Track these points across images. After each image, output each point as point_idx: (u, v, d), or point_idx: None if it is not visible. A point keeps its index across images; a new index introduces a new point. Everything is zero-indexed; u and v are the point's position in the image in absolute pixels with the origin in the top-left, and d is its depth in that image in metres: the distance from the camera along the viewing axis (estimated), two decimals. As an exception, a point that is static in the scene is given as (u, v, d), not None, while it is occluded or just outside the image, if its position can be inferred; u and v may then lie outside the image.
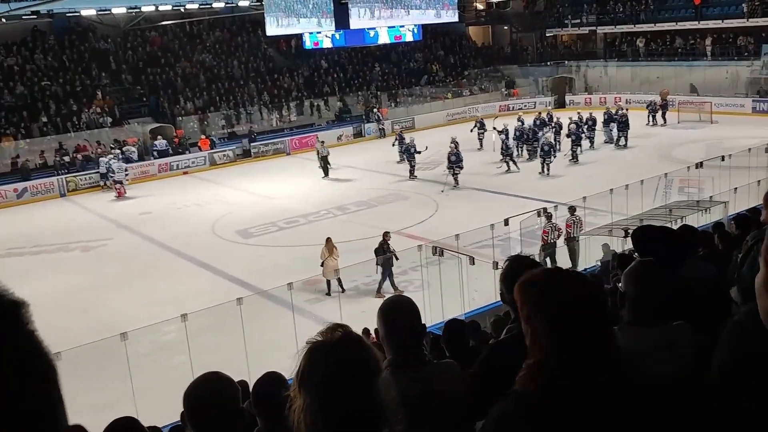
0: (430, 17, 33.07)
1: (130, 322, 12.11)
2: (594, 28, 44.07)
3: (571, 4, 45.54)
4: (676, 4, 40.81)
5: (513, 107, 40.74)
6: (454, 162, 24.49)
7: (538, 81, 43.43)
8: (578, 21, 44.72)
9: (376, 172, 26.97)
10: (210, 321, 12.59)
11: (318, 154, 28.25)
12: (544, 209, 16.79)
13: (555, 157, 25.72)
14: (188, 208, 24.61)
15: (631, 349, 2.16)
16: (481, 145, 30.58)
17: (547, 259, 15.55)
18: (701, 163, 19.80)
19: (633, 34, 42.69)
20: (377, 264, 15.23)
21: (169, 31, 38.24)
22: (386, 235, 15.69)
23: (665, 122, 33.68)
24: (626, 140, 29.33)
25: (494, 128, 28.03)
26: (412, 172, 26.12)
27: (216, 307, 12.43)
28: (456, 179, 24.47)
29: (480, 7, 49.63)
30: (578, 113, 30.25)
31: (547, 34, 46.65)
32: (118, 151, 29.71)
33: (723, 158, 19.95)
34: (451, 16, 34.16)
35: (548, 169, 25.21)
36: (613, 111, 31.04)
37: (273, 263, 17.95)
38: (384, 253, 15.27)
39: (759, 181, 17.02)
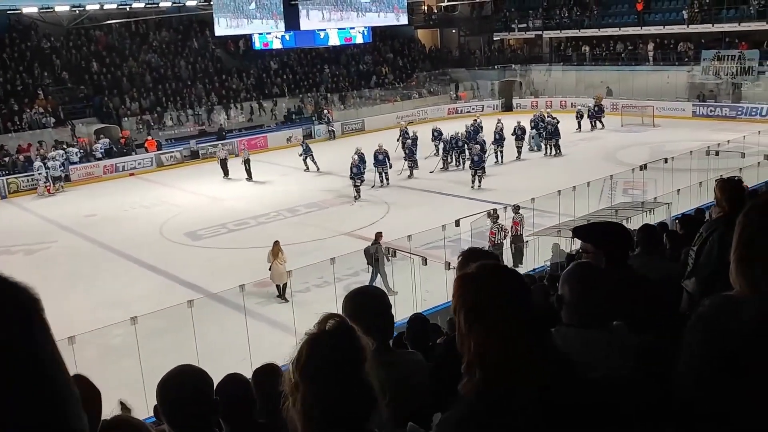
0: (379, 20, 33.21)
1: (76, 327, 11.82)
2: (540, 32, 44.82)
3: (518, 9, 46.24)
4: (619, 11, 41.81)
5: (461, 110, 41.18)
6: (380, 162, 25.12)
7: (486, 84, 43.94)
8: (525, 26, 45.40)
9: (327, 174, 26.91)
10: (160, 324, 12.40)
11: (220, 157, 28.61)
12: (494, 210, 17.02)
13: (484, 170, 24.55)
14: (135, 210, 24.16)
15: (569, 351, 2.19)
16: (437, 153, 29.35)
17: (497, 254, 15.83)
18: (645, 165, 20.32)
19: (578, 39, 43.58)
20: (368, 264, 15.25)
21: (115, 30, 37.48)
22: (378, 235, 15.57)
23: (603, 126, 34.10)
24: (558, 149, 28.71)
25: (400, 135, 28.09)
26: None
27: (166, 310, 12.25)
28: (384, 179, 25.16)
29: (428, 10, 49.98)
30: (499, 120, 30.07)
31: (494, 38, 47.25)
32: (61, 151, 29.02)
33: (666, 161, 20.55)
34: (400, 19, 34.36)
35: (479, 182, 24.21)
36: (545, 115, 30.58)
37: (223, 265, 17.74)
38: (374, 254, 15.21)
39: (700, 182, 17.53)
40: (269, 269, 15.20)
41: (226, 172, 28.09)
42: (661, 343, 1.78)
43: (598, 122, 34.47)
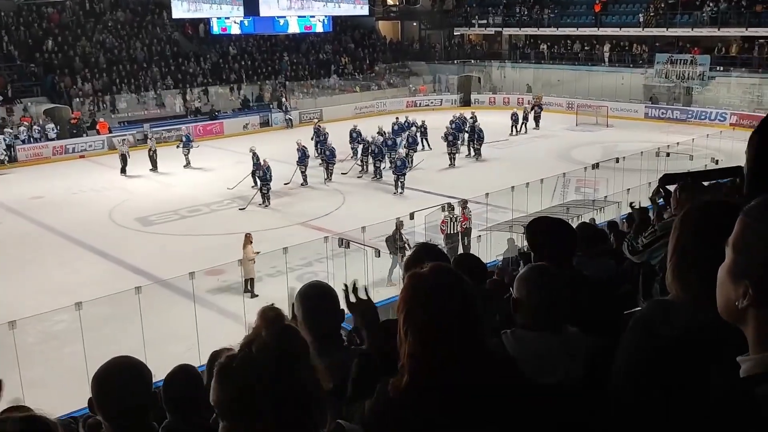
0: (340, 10, 33.08)
1: (18, 312, 11.52)
2: (500, 29, 45.14)
3: (479, 5, 46.48)
4: (577, 11, 42.35)
5: (420, 103, 41.27)
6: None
7: (445, 78, 44.10)
8: (485, 21, 45.66)
9: (283, 162, 26.64)
10: (106, 310, 12.16)
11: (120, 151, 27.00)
12: (449, 204, 17.14)
13: (404, 174, 23.20)
14: (84, 194, 23.64)
15: (521, 354, 2.19)
16: (319, 153, 26.68)
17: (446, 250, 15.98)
18: (597, 164, 20.66)
19: (536, 37, 44.02)
20: (390, 253, 15.18)
21: (69, 8, 36.52)
22: (399, 224, 15.48)
23: (537, 126, 33.95)
24: (479, 153, 27.86)
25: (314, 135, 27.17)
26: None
27: (113, 296, 12.01)
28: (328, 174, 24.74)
29: (390, 2, 49.92)
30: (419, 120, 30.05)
31: (455, 33, 47.42)
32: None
33: (617, 160, 20.92)
34: (361, 9, 34.29)
35: (402, 187, 22.94)
36: (468, 116, 29.74)
37: (174, 252, 17.48)
38: (395, 243, 15.11)
39: (650, 182, 17.86)
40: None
41: (155, 165, 26.98)
42: (611, 348, 1.79)
43: (533, 122, 34.12)
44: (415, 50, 48.47)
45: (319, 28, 32.68)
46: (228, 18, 29.57)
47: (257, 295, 14.31)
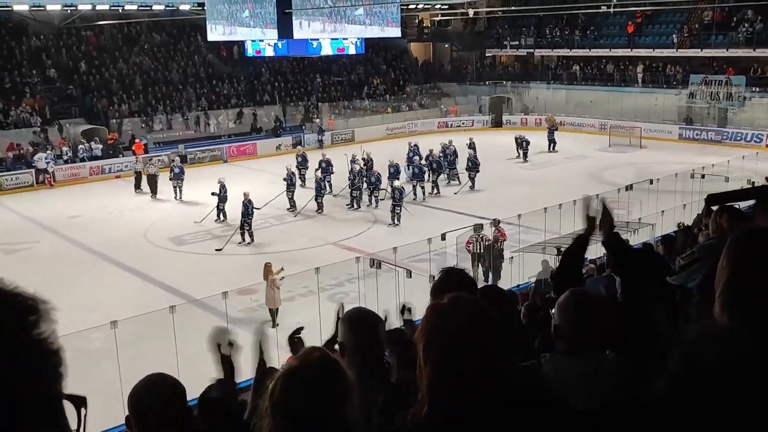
0: (373, 31, 33.30)
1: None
2: (532, 50, 45.14)
3: (511, 27, 46.55)
4: (610, 32, 42.20)
5: (451, 124, 41.32)
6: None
7: (477, 100, 44.13)
8: (517, 43, 45.71)
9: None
10: (141, 329, 12.29)
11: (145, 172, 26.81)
12: (479, 225, 17.08)
13: (401, 205, 22.05)
14: (120, 213, 24.00)
15: (559, 379, 2.18)
16: (304, 182, 26.29)
17: (480, 270, 15.97)
18: (631, 185, 20.43)
19: (569, 58, 43.90)
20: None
21: (106, 31, 37.36)
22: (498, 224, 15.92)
23: (554, 149, 33.44)
24: (473, 183, 26.40)
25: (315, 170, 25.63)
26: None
27: (147, 315, 12.13)
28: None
29: (422, 23, 50.22)
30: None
31: (486, 54, 47.51)
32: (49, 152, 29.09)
33: (651, 182, 20.68)
34: (393, 31, 34.49)
35: (398, 219, 21.81)
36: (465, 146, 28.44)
37: (207, 271, 17.64)
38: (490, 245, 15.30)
39: (684, 204, 17.64)
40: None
41: (137, 186, 26.93)
42: (650, 374, 1.76)
43: (549, 144, 33.72)
44: (446, 71, 48.64)
45: (352, 50, 32.91)
46: (262, 41, 29.94)
47: (278, 325, 14.20)
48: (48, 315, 0.68)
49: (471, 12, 42.53)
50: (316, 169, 25.45)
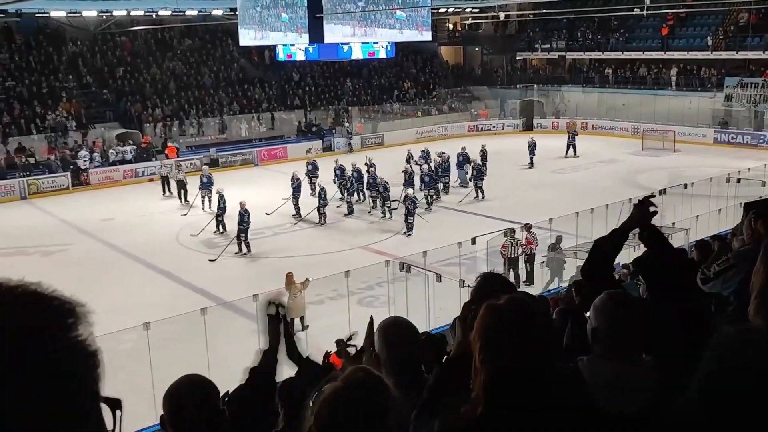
0: (403, 35, 33.35)
1: (89, 330, 11.85)
2: (563, 53, 44.82)
3: (542, 30, 46.28)
4: (643, 34, 41.75)
5: (481, 128, 41.18)
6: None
7: (507, 103, 43.94)
8: (548, 46, 45.41)
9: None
10: (172, 330, 12.41)
11: (173, 178, 26.51)
12: (511, 229, 16.98)
13: (415, 216, 21.36)
14: (152, 216, 24.29)
15: (596, 382, 2.16)
16: (313, 190, 24.88)
17: (510, 272, 15.85)
18: (664, 190, 20.15)
19: (601, 61, 43.51)
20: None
21: (140, 36, 37.90)
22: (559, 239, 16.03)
23: (576, 154, 32.80)
24: (482, 193, 25.35)
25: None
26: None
27: (179, 317, 12.25)
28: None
29: (452, 27, 50.16)
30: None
31: (517, 58, 47.29)
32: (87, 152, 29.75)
33: (685, 186, 20.38)
34: (424, 35, 34.51)
35: (411, 228, 21.03)
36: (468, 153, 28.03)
37: (238, 274, 17.78)
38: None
39: (719, 209, 17.38)
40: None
41: (184, 197, 26.37)
42: (685, 377, 1.74)
43: (572, 150, 33.03)
44: (477, 75, 48.52)
45: (382, 54, 33.01)
46: (293, 45, 30.15)
47: (308, 326, 14.24)
48: (85, 317, 0.69)
49: (502, 15, 42.42)
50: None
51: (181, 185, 26.04)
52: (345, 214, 23.82)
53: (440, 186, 25.91)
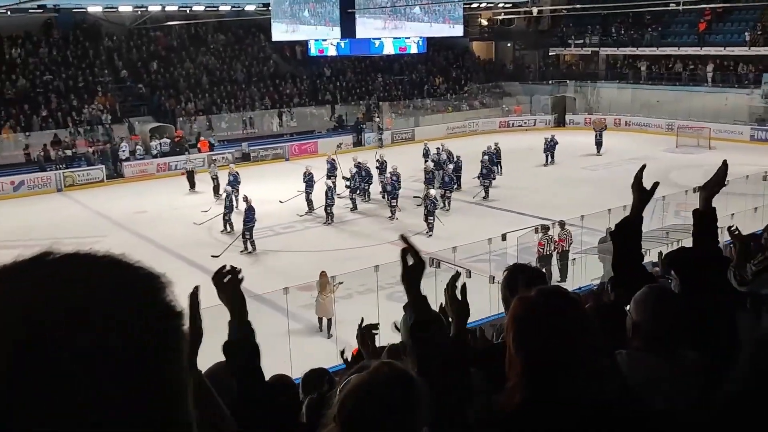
0: (435, 30, 33.29)
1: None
2: (597, 49, 44.35)
3: (575, 25, 45.82)
4: (679, 30, 41.11)
5: (512, 124, 40.93)
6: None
7: (539, 99, 43.61)
8: (581, 41, 44.99)
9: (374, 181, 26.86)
10: (204, 322, 12.52)
11: (211, 173, 26.70)
12: (543, 226, 16.89)
13: (435, 216, 20.91)
14: (184, 210, 24.54)
15: (635, 376, 2.15)
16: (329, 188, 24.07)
17: (543, 270, 15.73)
18: (699, 187, 19.82)
19: (635, 56, 42.97)
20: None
21: (174, 31, 38.33)
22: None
23: (599, 152, 32.52)
24: (448, 202, 23.60)
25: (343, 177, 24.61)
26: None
27: (209, 309, 12.31)
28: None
29: (484, 23, 49.89)
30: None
31: (550, 53, 46.90)
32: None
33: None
34: (455, 30, 34.40)
35: (432, 228, 20.65)
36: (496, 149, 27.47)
37: (268, 267, 17.91)
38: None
39: (756, 208, 17.10)
40: (315, 300, 14.56)
41: (191, 185, 27.32)
42: (726, 372, 1.73)
43: (596, 147, 32.75)
44: (508, 71, 48.22)
45: (414, 50, 32.96)
46: (325, 40, 30.26)
47: (331, 335, 14.16)
48: (168, 282, 0.73)
49: (535, 10, 42.08)
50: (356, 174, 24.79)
51: (215, 180, 26.24)
52: (351, 209, 23.81)
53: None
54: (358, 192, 24.50)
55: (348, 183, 24.11)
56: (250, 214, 19.55)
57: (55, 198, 27.16)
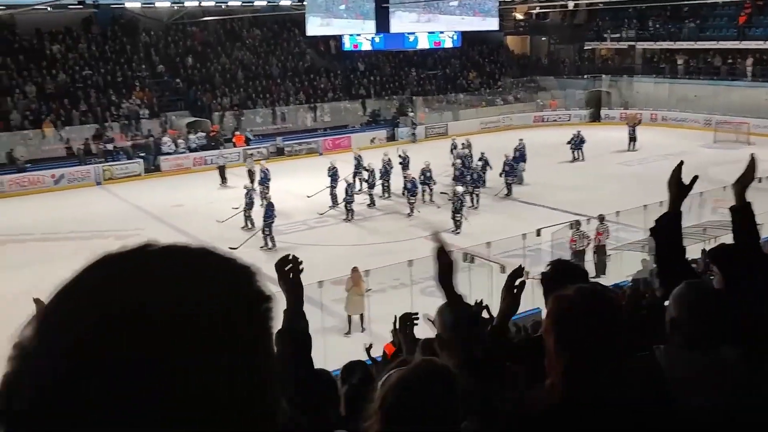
0: (469, 24, 33.16)
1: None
2: (633, 43, 43.75)
3: (611, 18, 45.24)
4: (718, 23, 40.38)
5: (547, 119, 40.61)
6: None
7: (574, 94, 43.17)
8: (617, 35, 44.40)
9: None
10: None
11: (248, 167, 26.86)
12: (577, 221, 16.80)
13: (462, 214, 20.74)
14: (220, 203, 24.82)
15: (673, 373, 2.16)
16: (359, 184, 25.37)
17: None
18: (732, 184, 19.50)
19: (672, 50, 42.31)
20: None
21: (210, 27, 38.74)
22: None
23: (634, 148, 32.18)
24: (477, 200, 23.40)
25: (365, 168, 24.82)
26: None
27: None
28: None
29: (519, 17, 49.52)
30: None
31: (585, 47, 46.39)
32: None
33: (760, 180, 19.62)
34: (490, 24, 34.23)
35: (459, 226, 20.41)
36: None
37: (304, 261, 18.01)
38: None
39: (796, 205, 16.76)
40: (347, 297, 14.51)
41: (224, 179, 27.59)
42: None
43: (632, 143, 32.40)
44: (543, 65, 47.82)
45: (448, 44, 32.93)
46: (359, 35, 30.33)
47: (364, 329, 14.18)
48: (258, 270, 0.81)
49: (571, 4, 41.59)
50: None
51: (251, 174, 26.43)
52: (368, 205, 23.78)
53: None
54: (375, 187, 24.51)
55: (366, 178, 24.20)
56: (269, 211, 19.71)
57: (94, 191, 27.67)
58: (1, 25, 33.01)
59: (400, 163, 25.37)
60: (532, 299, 12.08)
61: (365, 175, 24.75)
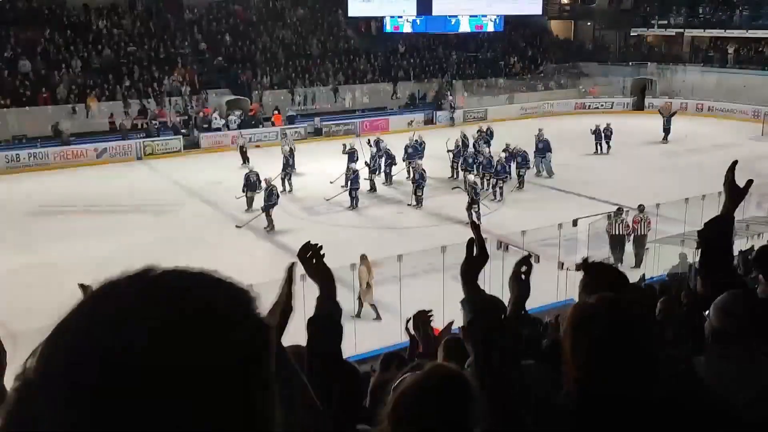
0: (512, 8, 32.72)
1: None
2: (681, 30, 42.72)
3: (660, 4, 44.23)
4: (771, 11, 39.25)
5: (589, 106, 39.96)
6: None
7: (618, 81, 42.37)
8: (665, 22, 43.41)
9: (441, 159, 26.59)
10: (271, 295, 12.79)
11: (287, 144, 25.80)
12: (619, 209, 16.66)
13: (477, 206, 19.74)
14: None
15: (713, 381, 2.10)
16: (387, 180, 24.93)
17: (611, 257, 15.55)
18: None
19: (723, 39, 41.23)
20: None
21: (253, 5, 38.85)
22: None
23: (666, 140, 31.28)
24: (500, 192, 22.49)
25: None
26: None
27: (278, 281, 12.60)
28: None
29: (564, 0, 48.72)
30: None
31: (631, 34, 45.46)
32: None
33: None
34: (534, 8, 33.73)
35: (479, 218, 18.89)
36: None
37: (338, 241, 18.07)
38: None
39: None
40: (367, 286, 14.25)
41: (245, 160, 26.64)
42: None
43: (664, 133, 31.49)
44: (587, 50, 47.01)
45: (490, 28, 32.53)
46: (401, 17, 30.13)
47: (380, 319, 14.06)
48: (256, 295, 0.78)
49: (618, -11, 40.80)
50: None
51: (291, 153, 26.26)
52: (368, 191, 23.30)
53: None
54: (377, 173, 24.23)
55: (367, 163, 23.66)
56: (270, 195, 19.67)
57: (134, 166, 28.05)
58: (51, 0, 33.59)
59: (411, 149, 24.72)
60: (567, 290, 11.97)
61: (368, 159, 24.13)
